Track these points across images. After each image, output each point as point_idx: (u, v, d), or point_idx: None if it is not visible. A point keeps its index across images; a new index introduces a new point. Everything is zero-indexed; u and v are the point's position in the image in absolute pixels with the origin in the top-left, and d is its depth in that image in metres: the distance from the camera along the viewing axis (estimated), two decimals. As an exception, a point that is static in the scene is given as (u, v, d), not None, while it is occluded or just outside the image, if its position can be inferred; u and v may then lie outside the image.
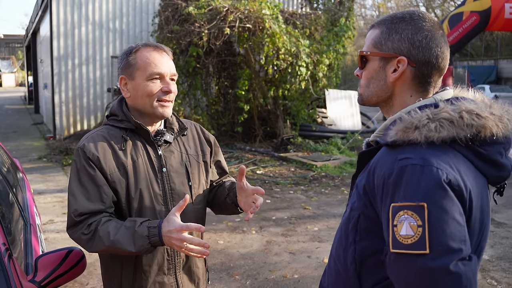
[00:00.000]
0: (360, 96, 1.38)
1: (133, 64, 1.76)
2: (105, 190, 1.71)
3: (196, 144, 1.96)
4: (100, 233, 1.66)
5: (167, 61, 1.79)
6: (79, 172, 1.73)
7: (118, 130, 1.80)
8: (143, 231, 1.63)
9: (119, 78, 1.81)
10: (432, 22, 1.29)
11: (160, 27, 9.39)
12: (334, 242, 1.37)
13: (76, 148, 1.78)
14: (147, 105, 1.77)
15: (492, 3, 10.96)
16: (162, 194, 1.80)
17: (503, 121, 1.18)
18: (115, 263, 1.80)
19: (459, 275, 1.04)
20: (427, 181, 1.08)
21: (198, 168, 1.92)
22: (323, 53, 10.53)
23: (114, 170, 1.74)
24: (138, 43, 1.83)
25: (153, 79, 1.75)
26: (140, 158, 1.78)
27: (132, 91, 1.77)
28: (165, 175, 1.81)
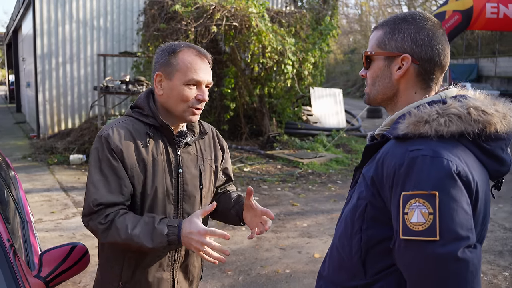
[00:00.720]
0: (367, 95, 1.43)
1: (174, 64, 1.75)
2: (125, 183, 1.72)
3: (211, 148, 1.98)
4: (118, 224, 1.66)
5: (207, 68, 1.79)
6: (101, 161, 1.72)
7: (143, 125, 1.79)
8: (163, 229, 1.64)
9: (155, 74, 1.80)
10: (433, 22, 1.35)
11: (146, 25, 9.36)
12: (336, 232, 1.42)
13: (99, 136, 1.75)
14: (178, 108, 1.77)
15: (474, 3, 11.15)
16: (174, 193, 1.81)
17: (506, 118, 1.24)
18: (117, 255, 1.80)
19: (467, 262, 1.09)
20: (438, 171, 1.13)
21: (209, 172, 1.94)
22: (308, 51, 10.60)
23: (135, 164, 1.74)
24: (181, 43, 1.81)
25: (190, 84, 1.75)
26: (160, 156, 1.79)
27: (167, 90, 1.76)
28: (180, 176, 1.82)
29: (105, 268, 1.87)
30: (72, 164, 8.87)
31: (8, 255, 1.79)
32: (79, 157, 8.90)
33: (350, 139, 11.90)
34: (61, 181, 7.70)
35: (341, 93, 14.35)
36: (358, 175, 1.43)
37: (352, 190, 1.43)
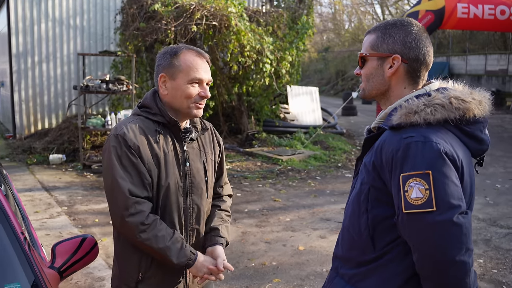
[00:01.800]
0: (363, 91, 1.64)
1: (176, 65, 1.90)
2: (146, 177, 1.85)
3: (211, 143, 2.13)
4: (158, 232, 1.82)
5: (206, 67, 1.95)
6: (121, 158, 1.83)
7: (151, 122, 1.93)
8: (187, 253, 1.88)
9: (159, 76, 1.93)
10: (418, 27, 1.56)
11: (125, 24, 9.36)
12: (346, 215, 1.61)
13: (114, 135, 1.86)
14: (184, 105, 1.92)
15: (445, 3, 11.50)
16: (183, 186, 1.95)
17: (482, 104, 1.47)
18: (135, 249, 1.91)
19: (461, 225, 1.30)
20: (429, 153, 1.34)
21: (211, 165, 2.09)
22: (286, 50, 10.77)
23: (150, 159, 1.87)
24: (180, 45, 1.97)
25: (193, 83, 1.90)
26: (170, 151, 1.93)
27: (171, 90, 1.91)
28: (187, 169, 1.96)
29: (122, 259, 1.97)
30: (52, 164, 8.83)
31: (24, 248, 1.88)
32: (59, 156, 8.87)
33: (327, 136, 12.12)
34: (42, 181, 7.67)
35: (317, 91, 14.57)
36: (360, 165, 1.62)
37: (356, 179, 1.62)
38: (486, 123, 1.51)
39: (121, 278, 1.98)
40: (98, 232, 5.35)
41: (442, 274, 1.31)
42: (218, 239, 2.07)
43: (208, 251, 2.04)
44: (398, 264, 1.44)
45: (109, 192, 1.87)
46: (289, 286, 4.08)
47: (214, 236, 2.07)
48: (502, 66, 21.00)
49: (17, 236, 1.90)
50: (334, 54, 38.01)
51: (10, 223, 1.93)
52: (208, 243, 2.07)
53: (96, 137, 9.25)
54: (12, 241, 1.86)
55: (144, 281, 1.93)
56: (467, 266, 1.31)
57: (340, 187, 7.83)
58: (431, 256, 1.32)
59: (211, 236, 2.08)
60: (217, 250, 2.03)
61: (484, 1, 11.74)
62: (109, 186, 1.86)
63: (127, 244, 1.93)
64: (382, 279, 1.46)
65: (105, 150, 1.91)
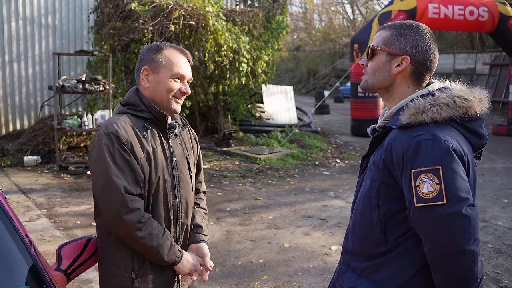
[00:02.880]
0: (366, 82, 1.69)
1: (160, 60, 1.95)
2: (139, 174, 1.86)
3: (189, 139, 2.17)
4: (153, 230, 1.85)
5: (188, 65, 2.01)
6: (114, 156, 1.82)
7: (138, 119, 1.95)
8: (176, 251, 1.93)
9: (142, 69, 1.97)
10: (430, 34, 1.64)
11: (100, 23, 9.23)
12: (355, 211, 1.67)
13: (105, 133, 1.85)
14: (164, 99, 1.96)
15: (417, 3, 11.76)
16: (171, 181, 1.98)
17: (482, 102, 1.56)
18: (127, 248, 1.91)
19: (469, 217, 1.38)
20: (438, 150, 1.42)
21: (193, 162, 2.13)
22: (262, 50, 10.83)
23: (142, 156, 1.88)
24: (164, 43, 2.02)
25: (175, 78, 1.95)
26: (158, 147, 1.95)
27: (153, 83, 1.96)
28: (174, 164, 1.99)
29: (113, 260, 1.94)
30: (27, 166, 8.65)
31: (30, 250, 1.87)
32: (34, 158, 8.69)
33: (303, 134, 12.24)
34: (18, 183, 7.52)
35: (291, 90, 14.70)
36: (366, 163, 1.69)
37: (362, 176, 1.69)
38: (485, 119, 1.60)
39: (113, 282, 1.95)
40: (81, 234, 5.29)
41: (453, 263, 1.39)
42: (202, 236, 2.12)
43: (193, 248, 2.07)
44: (409, 255, 1.51)
45: (101, 190, 1.85)
46: (278, 283, 4.14)
47: (197, 234, 2.11)
48: (470, 65, 21.62)
49: (23, 239, 1.88)
50: (305, 53, 38.30)
51: (14, 226, 1.91)
52: (191, 241, 2.10)
53: (72, 138, 9.10)
54: (18, 244, 1.85)
55: (138, 279, 1.92)
56: (475, 255, 1.39)
57: (319, 185, 7.94)
58: (442, 246, 1.39)
59: (194, 233, 2.11)
60: (203, 248, 2.08)
61: (454, 2, 12.06)
62: (102, 184, 1.84)
63: (119, 244, 1.92)
64: (394, 271, 1.52)
65: (94, 149, 1.89)
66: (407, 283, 1.50)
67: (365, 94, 12.76)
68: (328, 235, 5.40)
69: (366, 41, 12.25)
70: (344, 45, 33.67)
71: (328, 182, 8.16)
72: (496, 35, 13.39)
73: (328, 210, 6.43)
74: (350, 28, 35.06)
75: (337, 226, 5.72)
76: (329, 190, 7.55)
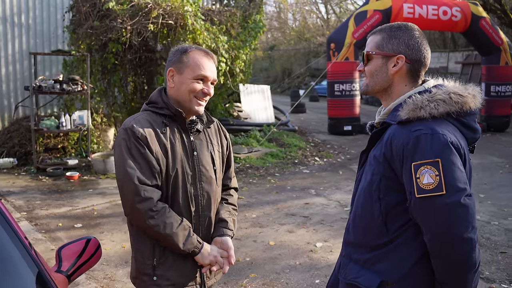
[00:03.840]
0: (366, 86, 1.76)
1: (185, 61, 2.03)
2: (154, 165, 1.95)
3: (217, 137, 2.24)
4: (166, 219, 1.92)
5: (213, 67, 2.08)
6: (130, 149, 1.95)
7: (158, 116, 2.05)
8: (194, 241, 1.99)
9: (168, 70, 2.07)
10: (419, 32, 1.71)
11: (77, 23, 9.09)
12: (356, 205, 1.73)
13: (124, 129, 1.98)
14: (186, 99, 2.03)
15: (392, 3, 11.96)
16: (192, 174, 2.05)
17: (476, 98, 1.64)
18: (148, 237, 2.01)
19: (467, 206, 1.46)
20: (437, 143, 1.49)
21: (218, 157, 2.20)
22: (239, 49, 10.84)
23: (158, 149, 1.98)
24: (191, 45, 2.10)
25: (198, 79, 2.02)
26: (177, 142, 2.04)
27: (178, 83, 2.04)
28: (195, 158, 2.07)
29: (137, 248, 2.07)
30: (3, 168, 8.46)
31: (31, 253, 1.86)
32: (10, 160, 8.51)
33: (281, 133, 12.32)
34: (-5, 186, 7.36)
35: (269, 89, 14.78)
36: (365, 157, 1.76)
37: (361, 171, 1.76)
38: (477, 114, 1.68)
39: (138, 268, 2.07)
40: (64, 236, 5.23)
41: (452, 251, 1.46)
42: (227, 231, 2.16)
43: (216, 241, 2.12)
44: (409, 245, 1.58)
45: (120, 181, 1.97)
46: (266, 280, 4.17)
47: (222, 228, 2.15)
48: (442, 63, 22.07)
49: (23, 241, 1.87)
50: (280, 53, 38.45)
51: (13, 229, 1.89)
52: (215, 234, 2.14)
53: (49, 139, 8.93)
54: (19, 247, 1.83)
55: (159, 266, 2.02)
56: (473, 242, 1.47)
57: (299, 183, 8.01)
58: (442, 235, 1.46)
59: (219, 227, 2.16)
60: (228, 242, 2.12)
61: (428, 2, 12.31)
62: (121, 176, 1.96)
63: (141, 233, 2.03)
64: (396, 261, 1.59)
65: (116, 144, 2.03)
66: (409, 272, 1.57)
67: (341, 92, 12.90)
68: (312, 232, 5.46)
69: (343, 40, 12.40)
70: (319, 45, 33.94)
71: (309, 180, 8.24)
72: (469, 35, 13.74)
73: (310, 207, 6.50)
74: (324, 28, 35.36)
75: (320, 223, 5.79)
76: (310, 188, 7.63)
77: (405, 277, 1.57)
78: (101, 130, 9.38)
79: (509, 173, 8.72)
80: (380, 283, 1.59)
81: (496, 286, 4.06)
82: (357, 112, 13.33)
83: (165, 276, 2.03)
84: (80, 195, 6.96)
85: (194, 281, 2.09)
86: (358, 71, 1.81)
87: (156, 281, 2.02)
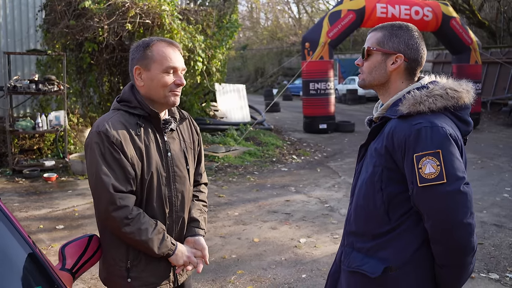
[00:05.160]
0: (363, 80, 1.84)
1: (150, 56, 1.94)
2: (129, 171, 1.89)
3: (189, 132, 2.19)
4: (141, 226, 1.89)
5: (179, 56, 2.00)
6: (104, 155, 1.87)
7: (132, 116, 1.96)
8: (168, 244, 1.98)
9: (134, 68, 1.97)
10: (418, 33, 1.80)
11: (52, 21, 8.95)
12: (358, 195, 1.80)
13: (97, 132, 1.89)
14: (160, 95, 1.97)
15: (366, 3, 12.17)
16: (166, 176, 2.02)
17: (470, 93, 1.73)
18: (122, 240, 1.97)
19: (466, 193, 1.55)
20: (437, 135, 1.58)
21: (191, 154, 2.16)
22: (216, 48, 10.87)
23: (133, 154, 1.91)
24: (152, 38, 2.01)
25: (168, 72, 1.95)
26: (151, 143, 1.98)
27: (147, 81, 1.96)
28: (169, 159, 2.02)
29: (109, 251, 2.02)
30: (-23, 171, 8.29)
31: (36, 251, 1.87)
32: (-16, 162, 8.33)
33: (258, 132, 12.40)
34: (-30, 189, 7.20)
35: (244, 89, 14.84)
36: (364, 151, 1.85)
37: (361, 164, 1.85)
38: (470, 108, 1.77)
39: (110, 269, 2.03)
40: (46, 238, 5.17)
41: (452, 236, 1.56)
42: (199, 230, 2.16)
43: (189, 241, 2.11)
44: (411, 233, 1.66)
45: (93, 188, 1.90)
46: (253, 276, 4.23)
47: (194, 228, 2.15)
48: (413, 62, 22.48)
49: (27, 240, 1.88)
50: (252, 52, 38.53)
51: (17, 228, 1.90)
52: (188, 234, 2.14)
53: (24, 141, 8.78)
54: (24, 246, 1.84)
55: (133, 268, 1.99)
56: (472, 227, 1.56)
57: (279, 181, 8.10)
58: (443, 221, 1.55)
59: (191, 227, 2.15)
60: (201, 242, 2.12)
61: (401, 2, 12.58)
62: (93, 182, 1.89)
63: (113, 238, 1.98)
64: (398, 248, 1.67)
65: (87, 147, 1.93)
66: (411, 258, 1.66)
67: (316, 91, 13.07)
68: (295, 228, 5.55)
69: (317, 39, 12.56)
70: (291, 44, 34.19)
71: (288, 178, 8.34)
72: (440, 34, 14.11)
73: (291, 204, 6.59)
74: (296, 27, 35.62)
75: (303, 220, 5.88)
76: (290, 186, 7.72)
77: (407, 262, 1.66)
78: (78, 131, 9.27)
79: (482, 169, 9.01)
80: (384, 269, 1.67)
81: (475, 276, 4.22)
82: (332, 111, 13.52)
83: (139, 277, 2.01)
84: (60, 197, 6.88)
85: (168, 280, 2.09)
86: (356, 64, 1.88)
87: (130, 283, 2.00)
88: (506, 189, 7.42)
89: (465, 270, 1.63)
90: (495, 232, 5.41)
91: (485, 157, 10.10)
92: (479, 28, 22.93)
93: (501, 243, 5.05)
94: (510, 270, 4.35)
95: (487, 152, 10.69)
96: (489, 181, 7.99)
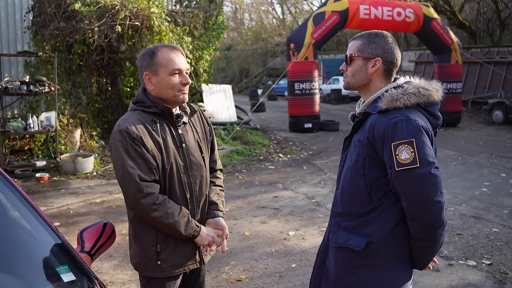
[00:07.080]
0: (347, 83, 2.13)
1: (156, 62, 2.20)
2: (152, 163, 2.14)
3: (201, 125, 2.44)
4: (168, 209, 2.13)
5: (182, 58, 2.26)
6: (128, 150, 2.11)
7: (147, 114, 2.22)
8: (193, 226, 2.21)
9: (143, 75, 2.23)
10: (392, 38, 2.09)
11: (41, 23, 9.06)
12: (344, 181, 2.06)
13: (118, 131, 2.14)
14: (170, 95, 2.22)
15: (349, 5, 12.47)
16: (183, 164, 2.26)
17: (439, 91, 2.01)
18: (150, 226, 2.21)
19: (436, 176, 1.82)
20: (411, 127, 1.85)
21: (205, 144, 2.41)
22: (203, 49, 11.07)
23: (153, 147, 2.16)
24: (156, 45, 2.26)
25: (174, 74, 2.21)
26: (168, 137, 2.23)
27: (157, 84, 2.22)
28: (185, 149, 2.27)
29: (140, 237, 2.26)
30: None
31: (59, 235, 2.07)
32: (-25, 163, 8.41)
33: (244, 131, 12.62)
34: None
35: (230, 89, 15.04)
36: (348, 142, 2.15)
37: (345, 154, 2.13)
38: (439, 104, 2.05)
39: (141, 254, 2.27)
40: (44, 234, 5.32)
41: (426, 212, 1.82)
42: (218, 212, 2.40)
43: (210, 223, 2.36)
44: (390, 211, 1.94)
45: (121, 180, 2.15)
46: (246, 266, 4.46)
47: (213, 210, 2.40)
48: (395, 62, 22.91)
49: (49, 223, 2.08)
50: (237, 53, 38.69)
51: (39, 212, 2.10)
52: (208, 216, 2.38)
53: (15, 141, 8.87)
54: (47, 229, 2.04)
55: (162, 252, 2.23)
56: (442, 204, 1.83)
57: (267, 178, 8.33)
58: (417, 200, 1.82)
59: (210, 209, 2.40)
60: (221, 222, 2.37)
61: (383, 3, 12.92)
62: (121, 175, 2.14)
63: (143, 223, 2.23)
64: (379, 224, 1.95)
65: (112, 145, 2.19)
66: (390, 233, 1.94)
67: (302, 91, 13.34)
68: (284, 222, 5.79)
69: (302, 40, 12.83)
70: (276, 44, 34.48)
71: (275, 175, 8.58)
72: (421, 35, 14.50)
73: (279, 200, 6.84)
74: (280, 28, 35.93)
75: (291, 214, 6.13)
76: (277, 183, 7.97)
77: (387, 237, 1.93)
78: (68, 131, 9.39)
79: (462, 165, 9.36)
80: (367, 243, 1.94)
81: (454, 263, 4.51)
82: (317, 110, 13.81)
83: (168, 259, 2.24)
84: (53, 196, 7.03)
85: (194, 260, 2.33)
86: (341, 70, 2.16)
87: (160, 265, 2.23)
88: (485, 183, 7.77)
89: (436, 243, 1.90)
90: (473, 223, 5.72)
91: (465, 154, 10.47)
92: (459, 29, 23.50)
93: (479, 233, 5.35)
94: (486, 257, 4.65)
95: (468, 149, 11.08)
96: (469, 176, 8.33)
